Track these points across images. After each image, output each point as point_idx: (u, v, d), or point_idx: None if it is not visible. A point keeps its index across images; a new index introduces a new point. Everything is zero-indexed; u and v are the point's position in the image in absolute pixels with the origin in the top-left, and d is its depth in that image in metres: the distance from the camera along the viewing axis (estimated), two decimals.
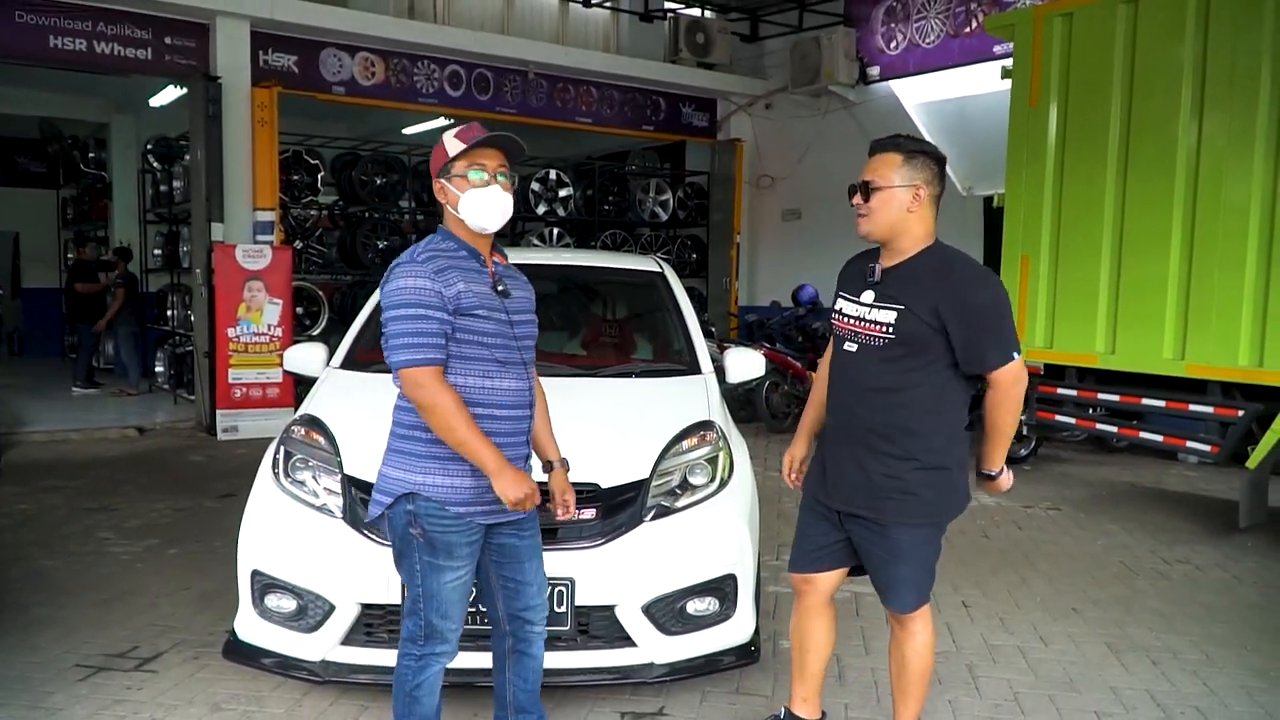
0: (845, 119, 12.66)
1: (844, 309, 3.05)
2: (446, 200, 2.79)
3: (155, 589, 5.08)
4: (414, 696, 2.85)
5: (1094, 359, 6.96)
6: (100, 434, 9.71)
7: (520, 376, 2.82)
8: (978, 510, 7.13)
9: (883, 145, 2.94)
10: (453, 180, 2.76)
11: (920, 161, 2.88)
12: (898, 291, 2.90)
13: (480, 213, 2.74)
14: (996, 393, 2.87)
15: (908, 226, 2.90)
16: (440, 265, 2.69)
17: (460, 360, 2.72)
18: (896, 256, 2.95)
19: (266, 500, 3.73)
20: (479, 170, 2.74)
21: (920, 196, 2.88)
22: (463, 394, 2.69)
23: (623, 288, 5.63)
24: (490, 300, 2.75)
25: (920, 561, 3.01)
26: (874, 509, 2.96)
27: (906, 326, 2.86)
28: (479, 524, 2.79)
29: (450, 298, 2.67)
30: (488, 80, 12.05)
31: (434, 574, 2.76)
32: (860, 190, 2.93)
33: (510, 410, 2.80)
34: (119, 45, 9.54)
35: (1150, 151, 6.61)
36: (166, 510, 6.72)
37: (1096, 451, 9.53)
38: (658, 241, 14.35)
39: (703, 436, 3.88)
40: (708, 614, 3.60)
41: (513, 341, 2.80)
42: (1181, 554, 6.09)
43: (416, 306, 2.64)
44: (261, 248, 9.96)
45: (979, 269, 2.92)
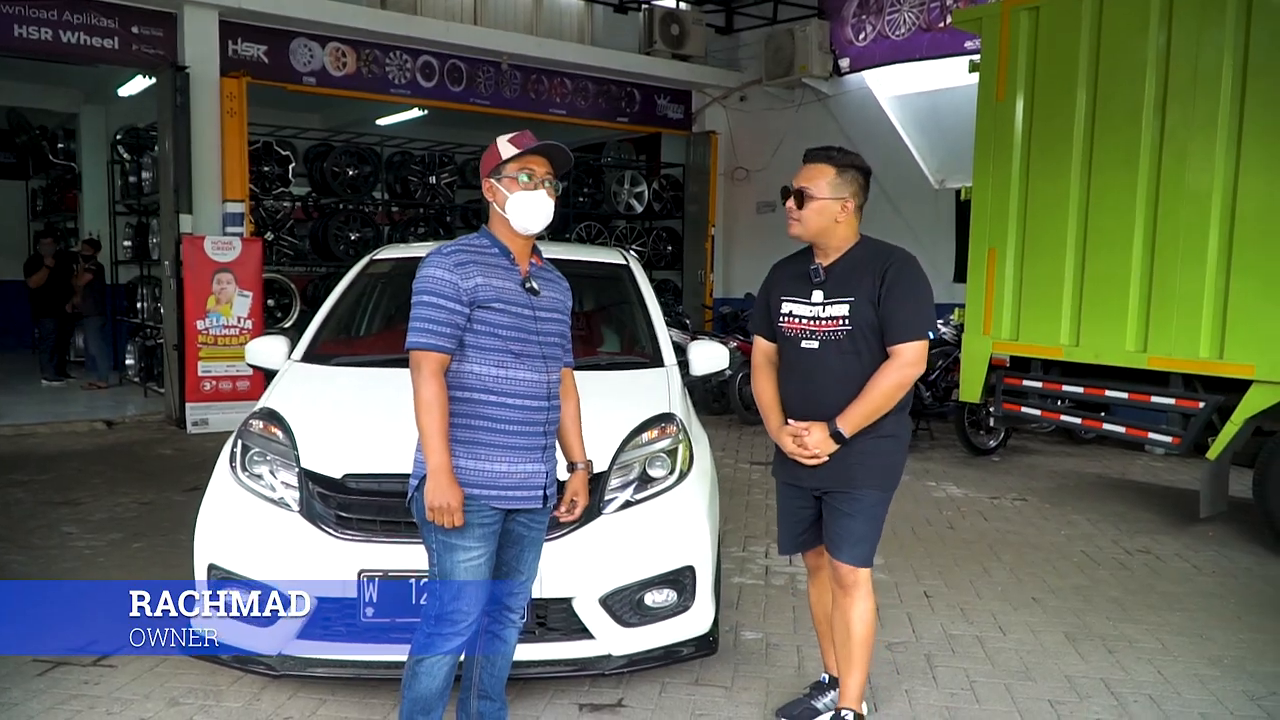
0: (819, 111, 12.70)
1: (795, 311, 3.30)
2: (494, 199, 2.96)
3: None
4: (415, 673, 2.93)
5: (1059, 351, 7.02)
6: (68, 427, 9.65)
7: (537, 369, 2.94)
8: (944, 501, 7.19)
9: (817, 156, 3.25)
10: (503, 181, 2.94)
11: (850, 175, 3.22)
12: (844, 285, 3.22)
13: (525, 214, 2.92)
14: (894, 362, 3.14)
15: (835, 232, 3.24)
16: (463, 259, 2.87)
17: (477, 349, 2.88)
18: (832, 254, 3.28)
19: (223, 494, 3.73)
20: (529, 174, 2.92)
21: (848, 208, 3.23)
22: (478, 381, 2.87)
23: (588, 280, 5.63)
24: (513, 296, 2.91)
25: (875, 520, 3.30)
26: (846, 479, 3.24)
27: (860, 316, 3.17)
28: (493, 508, 2.89)
29: (466, 290, 2.83)
30: (461, 71, 12.01)
31: (448, 553, 2.88)
32: (794, 196, 3.24)
33: (525, 400, 2.92)
34: (85, 34, 9.44)
35: (1114, 146, 6.66)
36: (132, 504, 6.68)
37: (1065, 443, 9.61)
38: (633, 234, 14.37)
39: (663, 429, 3.90)
40: (666, 606, 3.62)
41: (533, 336, 2.94)
42: (1143, 544, 6.16)
43: (432, 295, 2.84)
44: (231, 239, 9.90)
45: (908, 255, 3.26)
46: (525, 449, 2.93)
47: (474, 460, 2.88)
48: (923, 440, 9.65)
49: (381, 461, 3.53)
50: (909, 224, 11.47)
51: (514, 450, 2.91)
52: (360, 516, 3.49)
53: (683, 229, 14.46)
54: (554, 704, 3.72)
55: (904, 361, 3.14)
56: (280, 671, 3.50)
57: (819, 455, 3.22)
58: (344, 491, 3.53)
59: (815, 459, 3.23)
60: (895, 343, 3.14)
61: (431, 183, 13.00)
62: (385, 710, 3.64)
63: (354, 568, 3.41)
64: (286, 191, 12.02)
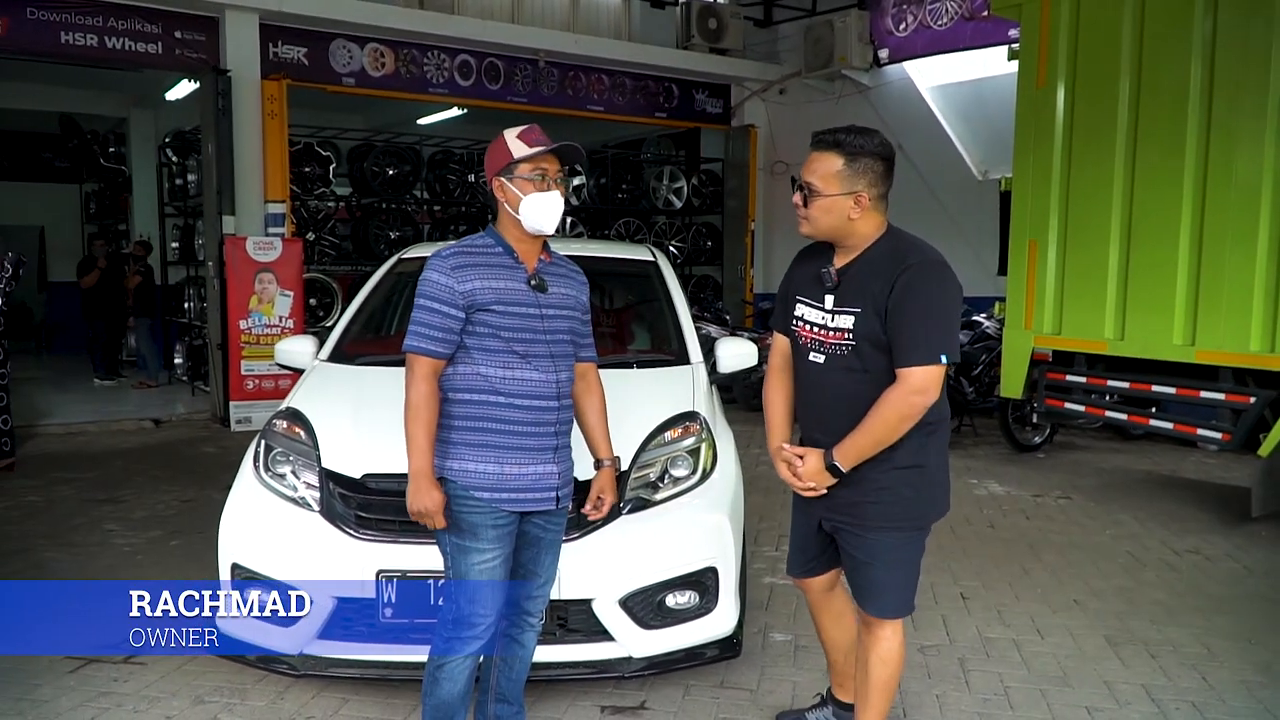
0: (860, 103, 12.52)
1: (806, 315, 2.90)
2: (504, 199, 2.88)
3: (154, 580, 5.09)
4: (435, 678, 2.91)
5: (1103, 345, 6.84)
6: (117, 426, 9.79)
7: (545, 369, 2.88)
8: (985, 499, 7.04)
9: (823, 143, 2.77)
10: (515, 181, 2.85)
11: (863, 164, 2.74)
12: (853, 293, 2.78)
13: (539, 215, 2.84)
14: (898, 389, 2.67)
15: (852, 229, 2.79)
16: (461, 262, 2.82)
17: (480, 351, 2.83)
18: (849, 254, 2.84)
19: (247, 494, 3.73)
20: (541, 174, 2.84)
21: (863, 203, 2.75)
22: (485, 382, 2.82)
23: (617, 278, 5.58)
24: (516, 296, 2.84)
25: (900, 565, 2.89)
26: (854, 514, 2.85)
27: (865, 330, 2.74)
28: (505, 510, 2.86)
29: (463, 293, 2.78)
30: (498, 70, 12.00)
31: (462, 556, 2.85)
32: (800, 190, 2.80)
33: (532, 400, 2.86)
34: (129, 40, 9.57)
35: (1159, 132, 6.47)
36: (173, 502, 6.76)
37: (1114, 439, 9.39)
38: (672, 229, 14.28)
39: (686, 428, 3.84)
40: (687, 607, 3.56)
41: (540, 335, 2.87)
42: (1191, 544, 5.97)
43: (428, 299, 2.81)
44: (272, 240, 9.99)
45: (931, 259, 2.74)
46: (536, 450, 2.89)
47: (484, 463, 2.84)
48: (966, 436, 9.49)
49: (401, 461, 3.45)
50: (952, 217, 11.29)
51: (524, 451, 2.87)
52: (379, 517, 3.46)
53: (722, 224, 14.35)
54: (576, 706, 3.67)
55: (909, 389, 2.65)
56: (302, 671, 3.49)
57: (814, 488, 2.84)
58: (364, 491, 3.51)
59: (811, 491, 2.85)
60: (901, 366, 2.66)
61: (470, 181, 13.01)
62: (406, 711, 3.61)
63: (373, 568, 3.38)
64: (328, 191, 12.10)
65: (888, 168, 2.79)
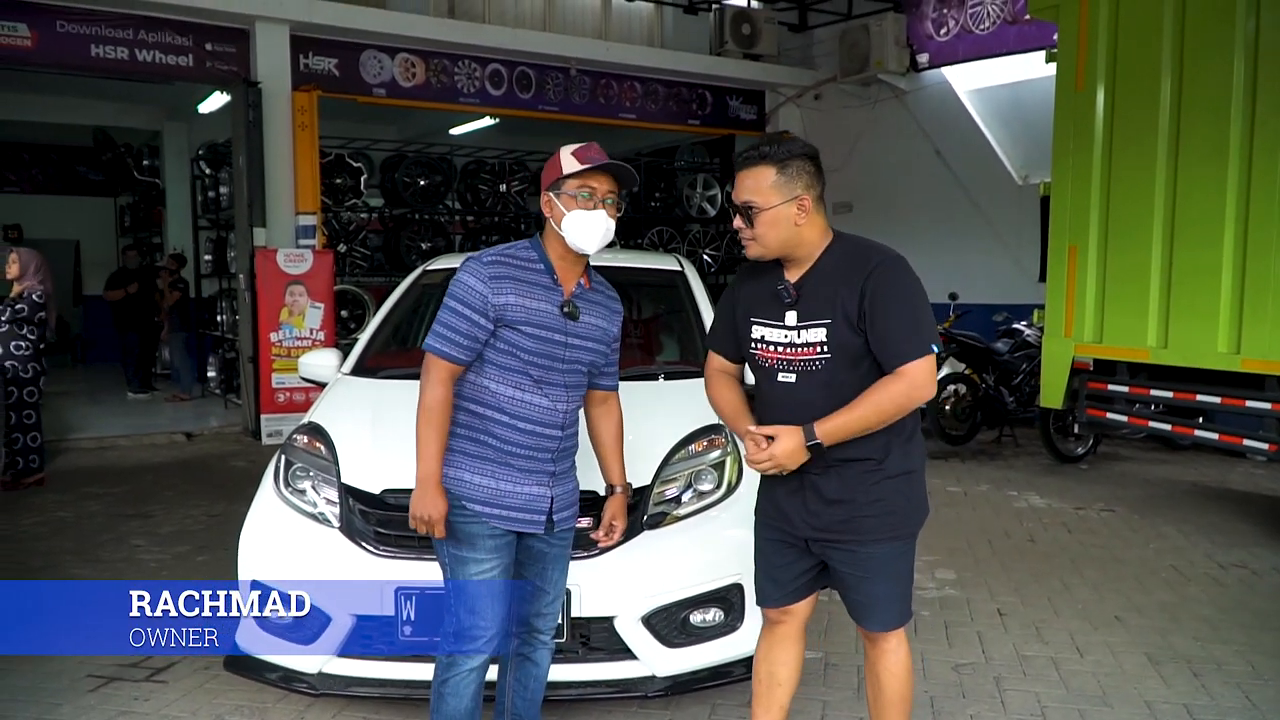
0: (896, 108, 12.44)
1: (767, 336, 2.80)
2: (551, 214, 2.86)
3: None
4: (440, 694, 2.90)
5: (1145, 354, 6.72)
6: (148, 440, 9.91)
7: (556, 397, 2.87)
8: (1025, 512, 6.94)
9: (749, 159, 2.71)
10: (561, 197, 2.82)
11: (795, 168, 2.67)
12: (818, 304, 2.70)
13: (581, 234, 2.80)
14: (900, 381, 2.61)
15: (800, 238, 2.72)
16: (499, 272, 2.80)
17: (496, 367, 2.82)
18: (801, 266, 2.76)
19: (266, 510, 3.74)
20: (589, 192, 2.80)
21: (805, 206, 2.69)
22: (494, 399, 2.82)
23: (642, 288, 5.56)
24: (545, 319, 2.82)
25: (899, 575, 2.85)
26: (850, 529, 2.76)
27: (839, 340, 2.68)
28: (495, 526, 2.85)
29: (495, 305, 2.76)
30: (529, 78, 12.04)
31: (460, 566, 2.85)
32: (741, 214, 2.72)
33: (536, 426, 2.85)
34: (160, 53, 9.70)
35: (1202, 133, 6.35)
36: (202, 516, 6.82)
37: (1160, 449, 9.23)
38: (706, 237, 14.24)
39: (711, 441, 3.81)
40: (712, 625, 3.53)
41: (558, 363, 2.85)
42: (1238, 558, 5.85)
43: (459, 302, 2.78)
44: (303, 252, 10.07)
45: (894, 255, 2.71)
46: (531, 472, 2.88)
47: (478, 475, 2.84)
48: (1006, 447, 9.38)
49: None
50: (991, 223, 11.18)
51: (519, 472, 2.87)
52: (398, 533, 3.45)
53: None
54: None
55: (912, 384, 2.61)
56: (321, 690, 3.49)
57: (782, 466, 2.68)
58: (383, 507, 3.51)
59: (775, 468, 2.69)
60: (899, 363, 2.62)
61: (502, 191, 13.06)
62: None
63: (391, 584, 3.38)
64: (359, 203, 12.20)
65: (817, 167, 2.74)
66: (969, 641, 4.52)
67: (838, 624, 4.69)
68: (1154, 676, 4.14)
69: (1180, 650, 4.42)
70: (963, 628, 4.68)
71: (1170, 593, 5.23)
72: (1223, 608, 4.99)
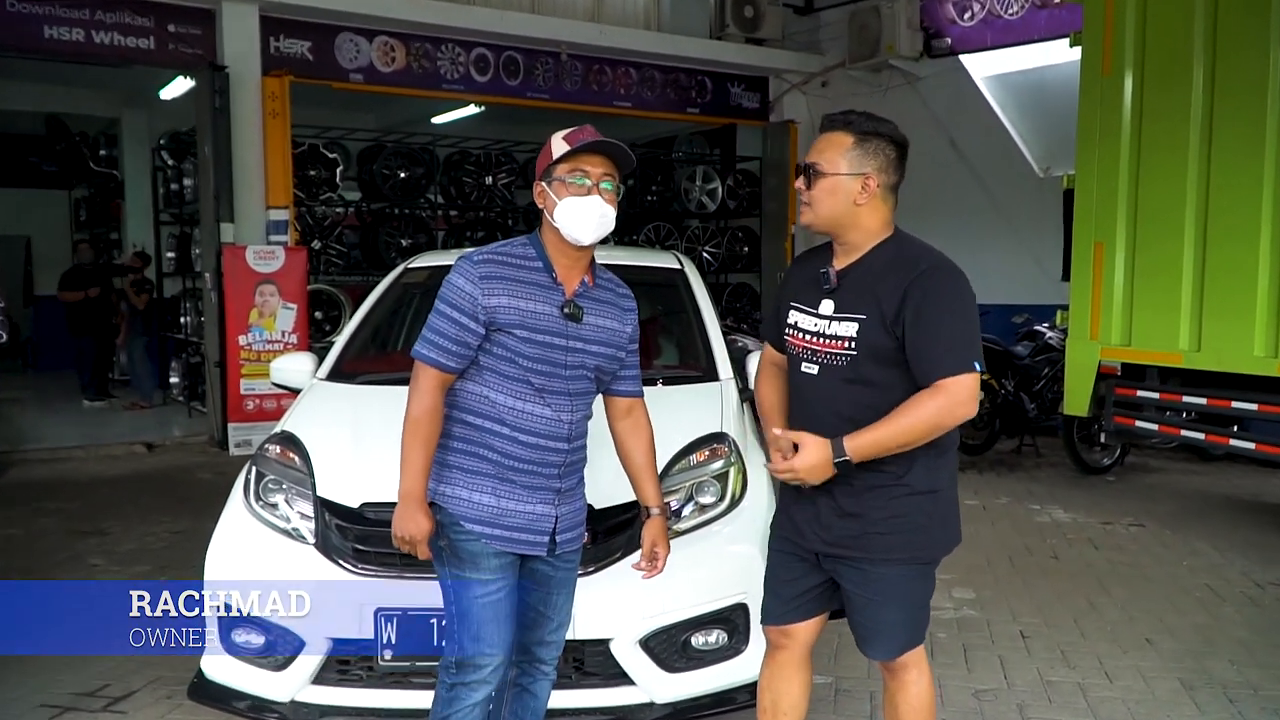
0: (909, 95, 12.45)
1: (799, 323, 2.82)
2: (544, 205, 2.81)
3: None
4: None
5: (1178, 358, 6.75)
6: (105, 451, 9.89)
7: (560, 408, 2.80)
8: (1048, 526, 6.96)
9: (833, 123, 2.75)
10: (553, 184, 2.77)
11: (874, 146, 2.70)
12: (856, 298, 2.71)
13: (575, 222, 2.73)
14: (940, 395, 2.57)
15: (856, 219, 2.72)
16: (491, 272, 2.74)
17: (494, 375, 2.77)
18: (850, 254, 2.77)
19: (235, 525, 3.72)
20: (581, 176, 2.74)
21: (870, 187, 2.69)
22: (493, 409, 2.77)
23: (640, 288, 5.54)
24: (543, 322, 2.75)
25: (912, 602, 2.82)
26: (861, 546, 2.74)
27: (869, 339, 2.67)
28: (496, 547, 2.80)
29: (485, 307, 2.71)
30: (517, 64, 12.05)
31: (462, 589, 2.79)
32: (803, 174, 2.75)
33: (539, 439, 2.79)
34: (119, 34, 9.68)
35: (1237, 119, 6.40)
36: (163, 534, 6.81)
37: (1191, 459, 9.26)
38: (705, 234, 14.26)
39: (713, 450, 3.81)
40: (715, 648, 3.52)
41: (559, 370, 2.79)
42: (1276, 575, 5.88)
43: (447, 305, 2.73)
44: (274, 249, 10.06)
45: (946, 262, 2.71)
46: (535, 489, 2.82)
47: (477, 493, 2.79)
48: (1027, 457, 9.40)
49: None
50: (1008, 218, 11.21)
51: (522, 489, 2.81)
52: (378, 550, 3.44)
53: (760, 228, 14.30)
54: None
55: (954, 399, 2.56)
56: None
57: (804, 481, 2.68)
58: (362, 522, 3.50)
59: (794, 478, 2.68)
60: (939, 376, 2.58)
61: (488, 184, 13.06)
62: None
63: (371, 605, 3.37)
64: (335, 196, 12.19)
65: (900, 157, 2.75)
66: (990, 666, 4.53)
67: (849, 646, 4.66)
68: (1188, 703, 4.15)
69: (1215, 675, 4.43)
70: (983, 651, 4.68)
71: (1204, 613, 5.25)
72: (1260, 629, 5.01)
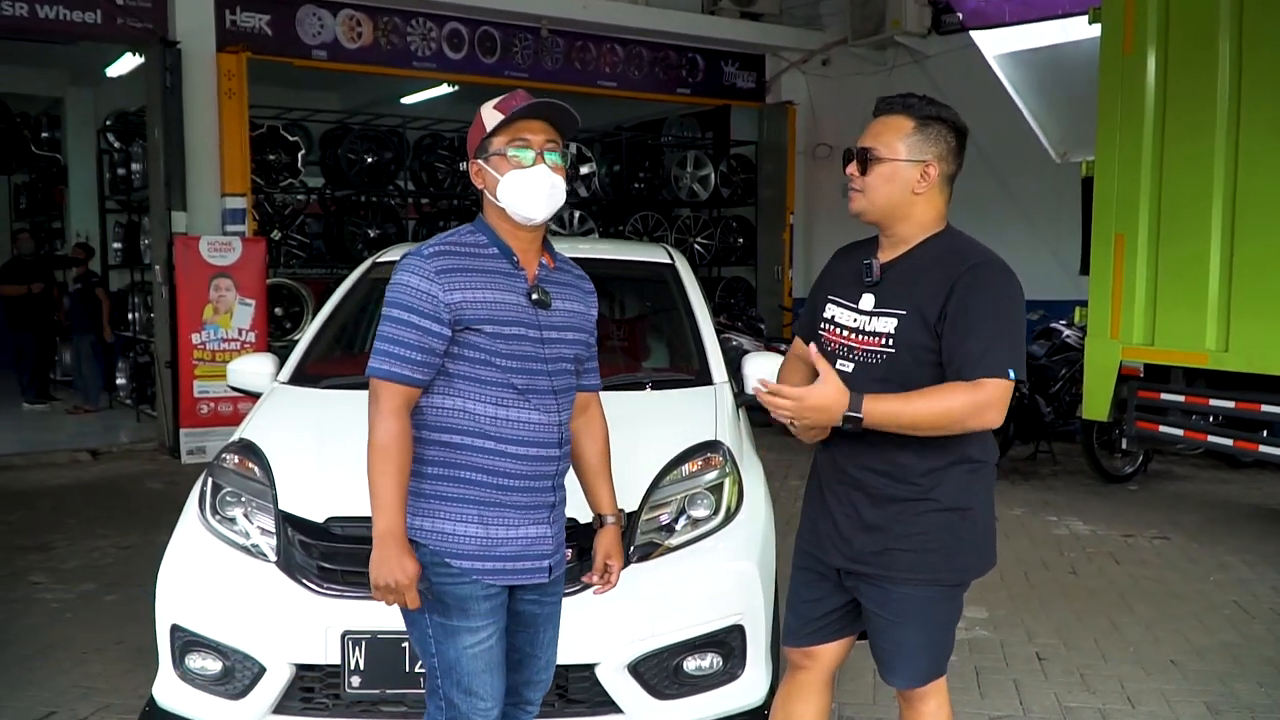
0: (915, 74, 12.47)
1: (837, 318, 2.82)
2: (484, 185, 2.70)
3: (85, 643, 5.12)
4: None
5: (1204, 358, 6.78)
6: (47, 458, 9.87)
7: (547, 409, 2.69)
8: (1066, 539, 6.99)
9: (891, 106, 2.74)
10: (491, 160, 2.66)
11: (935, 131, 2.69)
12: (899, 292, 2.70)
13: (524, 198, 2.63)
14: (970, 393, 2.54)
15: (911, 210, 2.72)
16: (447, 264, 2.60)
17: (467, 382, 2.62)
18: (897, 246, 2.76)
19: (190, 542, 3.71)
20: (523, 147, 2.63)
21: (929, 175, 2.69)
22: (472, 423, 2.62)
23: (628, 283, 5.58)
24: (513, 313, 2.64)
25: (937, 625, 2.81)
26: (882, 563, 2.73)
27: (909, 337, 2.65)
28: (489, 583, 2.66)
29: (448, 305, 2.56)
30: (494, 40, 12.05)
31: (449, 639, 2.65)
32: (857, 159, 2.73)
33: (530, 449, 2.66)
34: (64, 8, 9.64)
35: (1267, 105, 6.42)
36: (110, 549, 6.79)
37: (1219, 467, 9.32)
38: (697, 224, 14.28)
39: (707, 460, 3.81)
40: (709, 673, 3.53)
41: (539, 365, 2.67)
42: None
43: (403, 309, 2.57)
44: (230, 240, 10.05)
45: (995, 260, 2.70)
46: (528, 508, 2.69)
47: (464, 524, 2.63)
48: (1043, 465, 9.44)
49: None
50: (1022, 206, 11.25)
51: (514, 510, 2.66)
52: (346, 568, 3.43)
53: (756, 218, 14.36)
54: None
55: (984, 400, 2.54)
56: None
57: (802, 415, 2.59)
58: (328, 538, 3.49)
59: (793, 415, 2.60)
60: (969, 378, 2.55)
61: (461, 169, 13.03)
62: None
63: (338, 628, 3.36)
64: (296, 183, 12.16)
65: (960, 145, 2.76)
66: (1004, 691, 4.54)
67: (853, 669, 4.69)
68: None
69: (1244, 698, 4.46)
70: (997, 675, 4.70)
71: (1233, 632, 5.28)
72: None
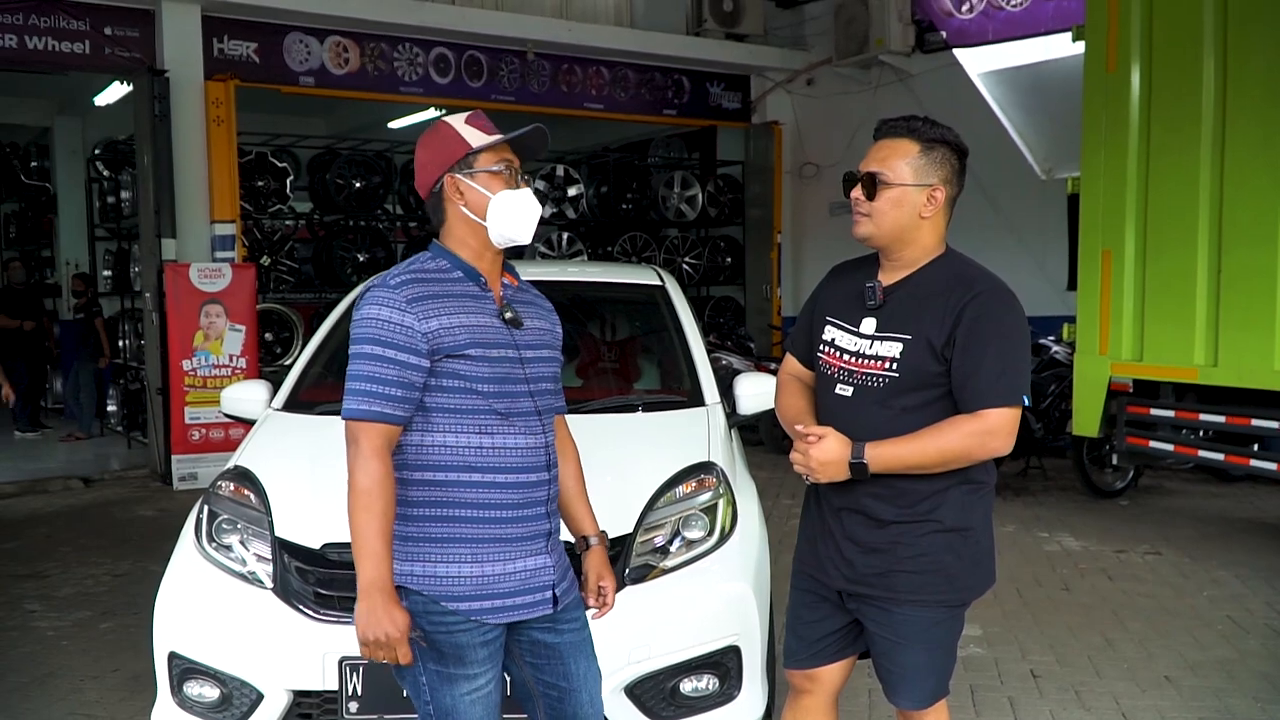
0: (900, 93, 12.56)
1: (837, 341, 2.80)
2: (464, 203, 2.56)
3: (81, 671, 5.10)
4: None
5: (1193, 373, 6.81)
6: (40, 486, 9.83)
7: (533, 431, 2.58)
8: (1058, 555, 7.00)
9: (894, 129, 2.73)
10: (477, 176, 2.54)
11: (940, 155, 2.70)
12: (903, 317, 2.69)
13: (514, 220, 2.55)
14: (976, 425, 2.59)
15: (917, 234, 2.73)
16: (417, 293, 2.47)
17: (446, 414, 2.50)
18: (900, 270, 2.76)
19: (186, 569, 3.71)
20: (504, 165, 2.56)
21: (936, 199, 2.70)
22: (455, 456, 2.50)
23: (618, 305, 5.60)
24: (492, 335, 2.52)
25: (941, 645, 2.81)
26: (885, 585, 2.73)
27: (913, 362, 2.66)
28: (489, 623, 2.54)
29: (425, 334, 2.43)
30: (480, 64, 12.10)
31: (445, 687, 2.51)
32: (863, 183, 2.71)
33: (519, 476, 2.55)
34: (53, 39, 9.69)
35: (1252, 119, 6.48)
36: (104, 576, 6.77)
37: (1211, 481, 9.33)
38: (685, 244, 14.33)
39: (701, 481, 3.82)
40: (706, 694, 3.53)
41: (522, 386, 2.57)
42: None
43: (376, 344, 2.43)
44: (220, 266, 10.05)
45: (1001, 286, 2.71)
46: (525, 539, 2.56)
47: (457, 564, 2.49)
48: (1034, 480, 9.45)
49: None
50: (1009, 223, 11.31)
51: (510, 544, 2.53)
52: (343, 594, 3.43)
53: (744, 237, 14.41)
54: None
55: (987, 428, 2.59)
56: None
57: (814, 473, 2.67)
58: (324, 564, 3.49)
59: (807, 473, 2.69)
60: (978, 407, 2.60)
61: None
62: None
63: (335, 654, 3.36)
64: (285, 209, 12.18)
65: (963, 167, 2.77)
66: (998, 708, 4.54)
67: (848, 687, 4.67)
68: None
69: (1239, 714, 4.46)
70: (991, 692, 4.70)
71: (1227, 648, 5.29)
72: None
